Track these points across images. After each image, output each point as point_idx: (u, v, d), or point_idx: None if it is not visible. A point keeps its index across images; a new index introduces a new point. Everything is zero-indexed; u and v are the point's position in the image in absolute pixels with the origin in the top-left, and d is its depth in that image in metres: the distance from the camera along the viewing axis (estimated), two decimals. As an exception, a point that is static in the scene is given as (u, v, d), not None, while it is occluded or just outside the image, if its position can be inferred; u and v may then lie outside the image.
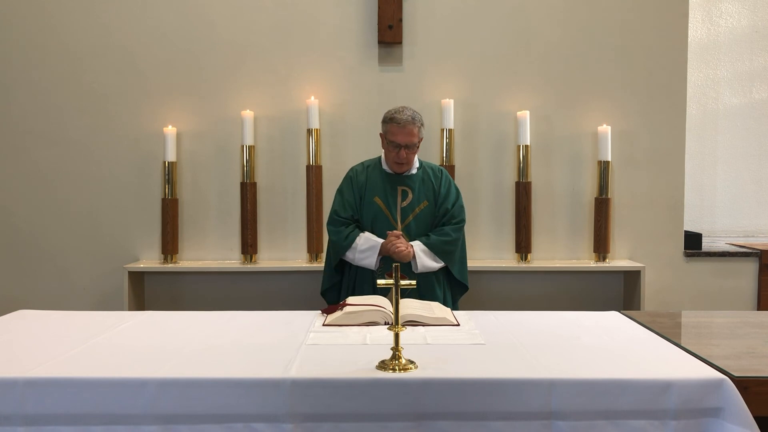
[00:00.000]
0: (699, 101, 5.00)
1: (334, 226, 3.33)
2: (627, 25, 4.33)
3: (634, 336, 2.48)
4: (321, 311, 2.80)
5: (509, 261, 4.36)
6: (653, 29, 4.33)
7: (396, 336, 2.05)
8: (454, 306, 3.33)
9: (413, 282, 2.18)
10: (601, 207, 4.30)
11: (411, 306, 2.71)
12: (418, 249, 3.20)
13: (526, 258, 4.29)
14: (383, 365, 2.02)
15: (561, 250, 4.40)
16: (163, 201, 4.28)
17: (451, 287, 3.40)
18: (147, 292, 4.36)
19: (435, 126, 4.25)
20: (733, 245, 4.68)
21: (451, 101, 4.26)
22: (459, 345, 2.32)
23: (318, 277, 3.63)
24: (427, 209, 3.32)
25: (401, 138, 3.20)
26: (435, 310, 2.74)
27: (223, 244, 4.36)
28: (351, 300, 2.84)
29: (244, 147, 4.25)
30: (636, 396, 1.92)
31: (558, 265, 4.27)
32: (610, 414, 1.91)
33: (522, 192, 4.29)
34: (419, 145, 3.29)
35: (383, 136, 3.30)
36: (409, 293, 2.96)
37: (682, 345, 2.31)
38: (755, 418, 1.89)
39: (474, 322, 2.66)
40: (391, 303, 2.28)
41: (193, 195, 4.37)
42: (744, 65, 5.02)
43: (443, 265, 3.28)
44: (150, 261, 4.34)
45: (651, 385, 1.93)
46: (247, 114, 4.24)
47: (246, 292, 4.32)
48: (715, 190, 5.05)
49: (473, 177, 4.35)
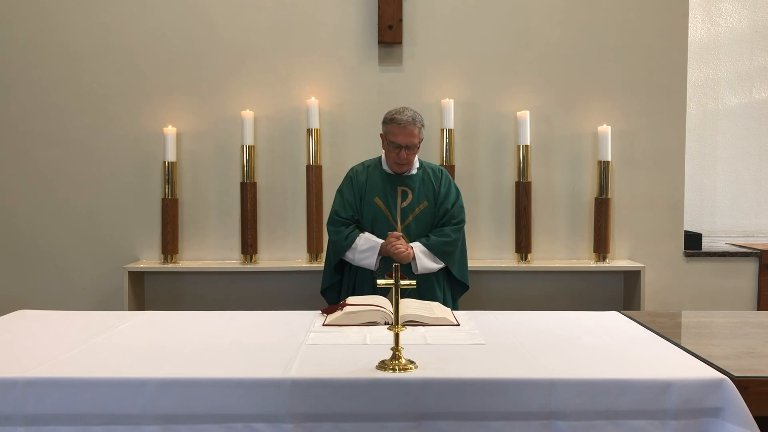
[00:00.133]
0: (699, 101, 5.00)
1: (334, 226, 3.33)
2: (627, 25, 4.33)
3: (634, 336, 2.48)
4: (321, 311, 2.80)
5: (509, 261, 4.36)
6: (653, 29, 4.33)
7: (396, 336, 2.05)
8: (454, 306, 3.34)
9: (413, 282, 2.19)
10: (601, 207, 4.30)
11: (411, 306, 2.71)
12: (417, 250, 3.20)
13: (526, 258, 4.29)
14: (383, 365, 2.02)
15: (561, 250, 4.40)
16: (163, 201, 4.28)
17: (452, 287, 3.40)
18: (147, 292, 4.36)
19: (435, 126, 4.25)
20: (733, 245, 4.68)
21: (451, 101, 4.26)
22: (459, 345, 2.32)
23: (318, 277, 3.63)
24: (427, 209, 3.32)
25: (402, 139, 3.20)
26: (435, 310, 2.74)
27: (223, 244, 4.36)
28: (351, 300, 2.84)
29: (244, 147, 4.25)
30: (636, 396, 1.92)
31: (558, 265, 4.27)
32: (610, 414, 1.91)
33: (522, 192, 4.29)
34: (420, 146, 3.29)
35: (383, 136, 3.30)
36: (409, 293, 2.96)
37: (682, 345, 2.31)
38: (755, 418, 1.89)
39: (474, 322, 2.66)
40: (391, 303, 2.28)
41: (193, 195, 4.37)
42: (744, 65, 5.02)
43: (443, 266, 3.28)
44: (150, 261, 4.34)
45: (651, 385, 1.93)
46: (247, 114, 4.24)
47: (246, 292, 4.32)
48: (715, 190, 5.05)
49: (473, 177, 4.35)
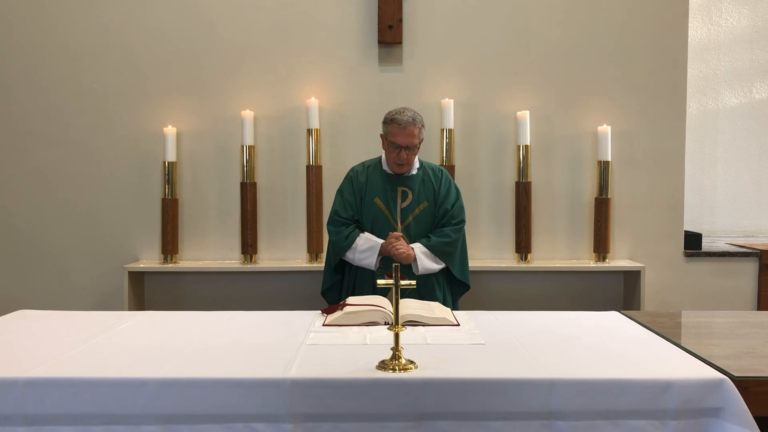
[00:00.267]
0: (699, 101, 5.00)
1: (334, 226, 3.33)
2: (627, 25, 4.33)
3: (634, 336, 2.48)
4: (321, 311, 2.80)
5: (509, 261, 4.36)
6: (653, 29, 4.33)
7: (396, 336, 2.05)
8: (454, 306, 3.34)
9: (413, 282, 2.19)
10: (601, 207, 4.30)
11: (411, 306, 2.71)
12: (418, 251, 3.20)
13: (526, 258, 4.29)
14: (383, 365, 2.02)
15: (561, 250, 4.40)
16: (163, 201, 4.28)
17: (452, 287, 3.40)
18: (147, 292, 4.36)
19: (435, 126, 4.25)
20: (733, 245, 4.68)
21: (451, 101, 4.26)
22: (459, 345, 2.32)
23: (318, 277, 3.63)
24: (427, 210, 3.32)
25: (402, 139, 3.20)
26: (435, 310, 2.74)
27: (223, 244, 4.36)
28: (351, 300, 2.84)
29: (244, 147, 4.25)
30: (636, 396, 1.92)
31: (558, 265, 4.27)
32: (610, 414, 1.91)
33: (522, 192, 4.29)
34: (420, 146, 3.29)
35: (384, 137, 3.30)
36: (409, 293, 2.96)
37: (682, 345, 2.31)
38: (755, 418, 1.89)
39: (474, 322, 2.66)
40: (391, 303, 2.28)
41: (193, 195, 4.37)
42: (744, 65, 5.02)
43: (444, 266, 3.28)
44: (150, 261, 4.34)
45: (651, 385, 1.93)
46: (247, 114, 4.24)
47: (246, 292, 4.32)
48: (715, 190, 5.05)
49: (473, 177, 4.35)
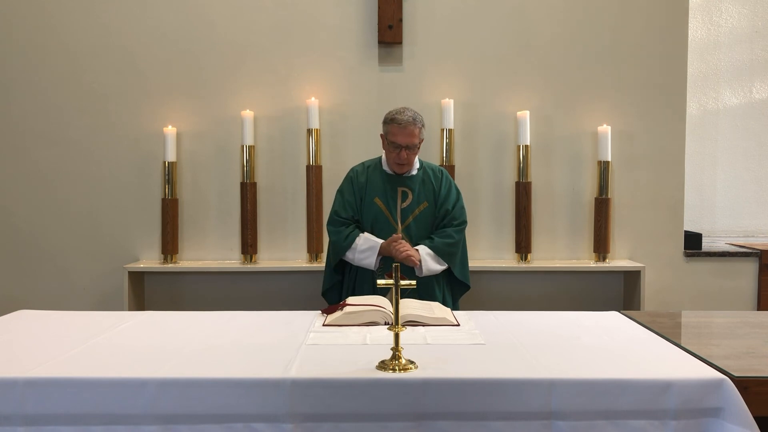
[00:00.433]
0: (699, 101, 5.00)
1: (334, 226, 3.33)
2: (627, 25, 4.33)
3: (634, 336, 2.48)
4: (321, 311, 2.80)
5: (509, 261, 4.36)
6: (653, 29, 4.33)
7: (396, 336, 2.05)
8: (454, 306, 3.34)
9: (413, 282, 2.19)
10: (601, 207, 4.30)
11: (411, 306, 2.71)
12: (424, 253, 3.19)
13: (526, 258, 4.29)
14: (383, 365, 2.02)
15: (561, 250, 4.40)
16: (163, 201, 4.28)
17: (452, 287, 3.39)
18: (147, 292, 4.36)
19: (435, 126, 4.25)
20: (733, 245, 4.68)
21: (451, 101, 4.26)
22: (459, 345, 2.32)
23: (318, 277, 3.63)
24: (428, 210, 3.32)
25: (402, 139, 3.20)
26: (435, 310, 2.74)
27: (223, 244, 4.36)
28: (351, 300, 2.84)
29: (244, 147, 4.25)
30: (636, 396, 1.92)
31: (558, 265, 4.27)
32: (610, 414, 1.91)
33: (522, 192, 4.29)
34: (420, 146, 3.29)
35: (384, 137, 3.30)
36: (409, 294, 2.96)
37: (682, 345, 2.31)
38: (755, 418, 1.89)
39: (474, 322, 2.66)
40: (391, 303, 2.28)
41: (193, 195, 4.37)
42: (744, 65, 5.02)
43: (446, 267, 3.28)
44: (150, 261, 4.34)
45: (651, 385, 1.93)
46: (247, 114, 4.24)
47: (246, 292, 4.32)
48: (715, 190, 5.05)
49: (473, 177, 4.35)
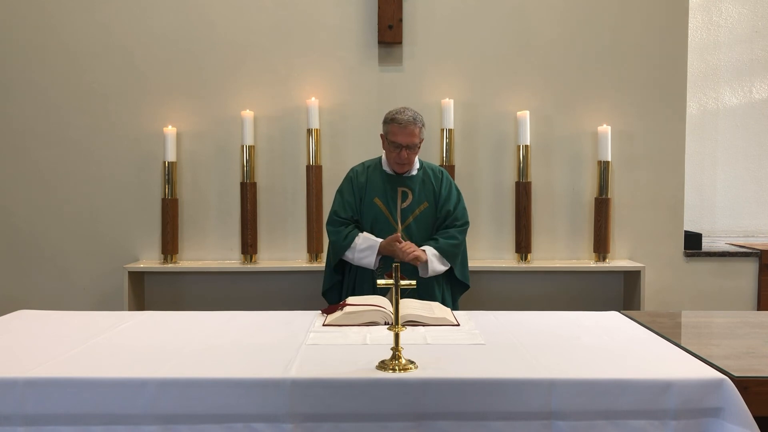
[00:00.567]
0: (699, 101, 5.00)
1: (333, 226, 3.33)
2: (627, 25, 4.33)
3: (634, 336, 2.48)
4: (321, 311, 2.80)
5: (509, 261, 4.36)
6: (653, 29, 4.33)
7: (396, 336, 2.05)
8: (454, 306, 3.34)
9: (413, 282, 2.18)
10: (601, 207, 4.30)
11: (411, 306, 2.71)
12: (430, 254, 3.19)
13: (526, 258, 4.29)
14: (383, 365, 2.02)
15: (561, 250, 4.40)
16: (163, 201, 4.28)
17: (451, 286, 3.39)
18: (147, 292, 4.36)
19: (435, 126, 4.25)
20: (733, 245, 4.68)
21: (451, 101, 4.26)
22: (459, 345, 2.32)
23: (318, 277, 3.63)
24: (428, 210, 3.32)
25: (402, 138, 3.20)
26: (435, 310, 2.74)
27: (223, 244, 4.36)
28: (351, 300, 2.84)
29: (244, 147, 4.25)
30: (636, 396, 1.92)
31: (558, 265, 4.27)
32: (610, 414, 1.91)
33: (522, 192, 4.29)
34: (420, 146, 3.29)
35: (384, 136, 3.30)
36: (409, 293, 2.96)
37: (682, 345, 2.31)
38: (755, 418, 1.89)
39: (474, 322, 2.66)
40: (391, 303, 2.28)
41: (193, 195, 4.37)
42: (744, 65, 5.02)
43: (449, 267, 3.28)
44: (150, 261, 4.34)
45: (651, 385, 1.93)
46: (247, 114, 4.24)
47: (246, 292, 4.32)
48: (715, 190, 5.05)
49: (473, 177, 4.35)
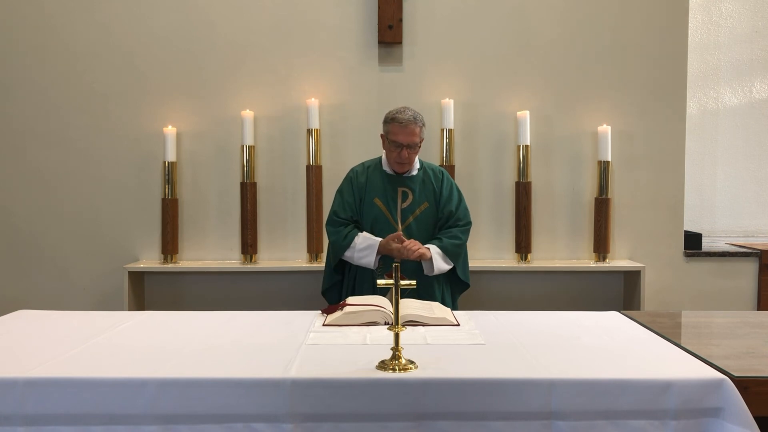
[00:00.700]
0: (699, 101, 5.00)
1: (333, 226, 3.33)
2: (627, 25, 4.33)
3: (634, 336, 2.48)
4: (321, 311, 2.80)
5: (509, 261, 4.36)
6: (653, 29, 4.33)
7: (396, 336, 2.05)
8: (453, 305, 3.34)
9: (413, 282, 2.18)
10: (601, 207, 4.30)
11: (411, 306, 2.72)
12: (434, 252, 3.20)
13: (526, 258, 4.29)
14: (383, 365, 2.02)
15: (561, 250, 4.40)
16: (163, 201, 4.28)
17: (451, 285, 3.40)
18: (147, 292, 4.36)
19: (435, 126, 4.25)
20: (733, 245, 4.68)
21: (451, 101, 4.26)
22: (459, 345, 2.32)
23: (318, 277, 3.63)
24: (428, 211, 3.32)
25: (403, 137, 3.20)
26: (435, 310, 2.74)
27: (223, 244, 4.36)
28: (351, 300, 2.84)
29: (244, 147, 4.25)
30: (636, 396, 1.92)
31: (558, 265, 4.27)
32: (610, 414, 1.91)
33: (522, 192, 4.29)
34: (420, 145, 3.29)
35: (384, 136, 3.30)
36: (409, 293, 2.96)
37: (682, 345, 2.31)
38: (755, 418, 1.89)
39: (474, 322, 2.66)
40: (391, 303, 2.28)
41: (193, 195, 4.37)
42: (744, 65, 5.02)
43: (451, 267, 3.28)
44: (150, 261, 4.34)
45: (651, 385, 1.93)
46: (247, 114, 4.24)
47: (246, 292, 4.32)
48: (715, 190, 5.05)
49: (473, 177, 4.35)
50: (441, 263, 3.22)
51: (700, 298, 4.39)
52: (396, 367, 2.00)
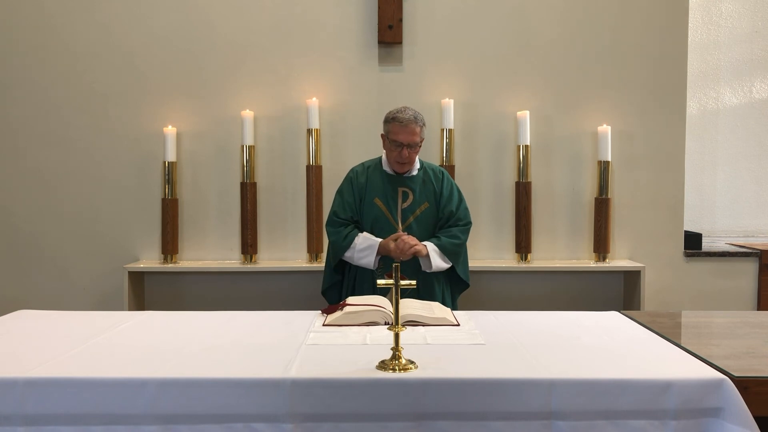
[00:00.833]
0: (699, 101, 5.00)
1: (333, 227, 3.33)
2: (627, 25, 4.33)
3: (634, 336, 2.48)
4: (321, 311, 2.80)
5: (509, 261, 4.36)
6: (653, 29, 4.33)
7: (396, 336, 2.05)
8: (453, 305, 3.34)
9: (413, 282, 2.18)
10: (601, 207, 4.30)
11: (411, 306, 2.71)
12: (431, 249, 3.20)
13: (526, 258, 4.29)
14: (383, 365, 2.02)
15: (561, 250, 4.40)
16: (163, 201, 4.28)
17: (451, 285, 3.40)
18: (147, 292, 4.36)
19: (435, 126, 4.25)
20: (733, 245, 4.68)
21: (451, 101, 4.26)
22: (459, 345, 2.32)
23: (318, 277, 3.63)
24: (429, 211, 3.32)
25: (403, 137, 3.20)
26: (435, 310, 2.74)
27: (223, 244, 4.36)
28: (351, 300, 2.84)
29: (244, 147, 4.25)
30: (636, 396, 1.92)
31: (558, 265, 4.27)
32: (610, 414, 1.91)
33: (522, 192, 4.29)
34: (421, 145, 3.29)
35: (384, 136, 3.30)
36: (409, 293, 2.96)
37: (682, 345, 2.31)
38: (755, 418, 1.89)
39: (474, 322, 2.66)
40: (391, 303, 2.28)
41: (193, 195, 4.37)
42: (744, 65, 5.02)
43: (450, 266, 3.28)
44: (150, 261, 4.34)
45: (651, 385, 1.93)
46: (247, 114, 4.24)
47: (246, 292, 4.32)
48: (715, 190, 5.05)
49: (473, 177, 4.35)
50: (438, 261, 3.22)
51: (700, 298, 4.39)
52: (396, 367, 2.00)
